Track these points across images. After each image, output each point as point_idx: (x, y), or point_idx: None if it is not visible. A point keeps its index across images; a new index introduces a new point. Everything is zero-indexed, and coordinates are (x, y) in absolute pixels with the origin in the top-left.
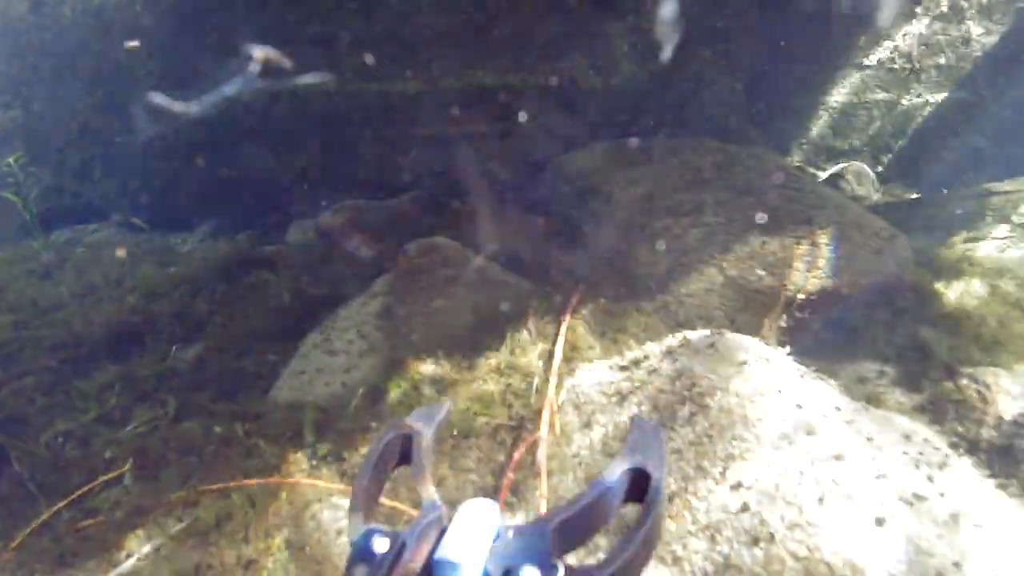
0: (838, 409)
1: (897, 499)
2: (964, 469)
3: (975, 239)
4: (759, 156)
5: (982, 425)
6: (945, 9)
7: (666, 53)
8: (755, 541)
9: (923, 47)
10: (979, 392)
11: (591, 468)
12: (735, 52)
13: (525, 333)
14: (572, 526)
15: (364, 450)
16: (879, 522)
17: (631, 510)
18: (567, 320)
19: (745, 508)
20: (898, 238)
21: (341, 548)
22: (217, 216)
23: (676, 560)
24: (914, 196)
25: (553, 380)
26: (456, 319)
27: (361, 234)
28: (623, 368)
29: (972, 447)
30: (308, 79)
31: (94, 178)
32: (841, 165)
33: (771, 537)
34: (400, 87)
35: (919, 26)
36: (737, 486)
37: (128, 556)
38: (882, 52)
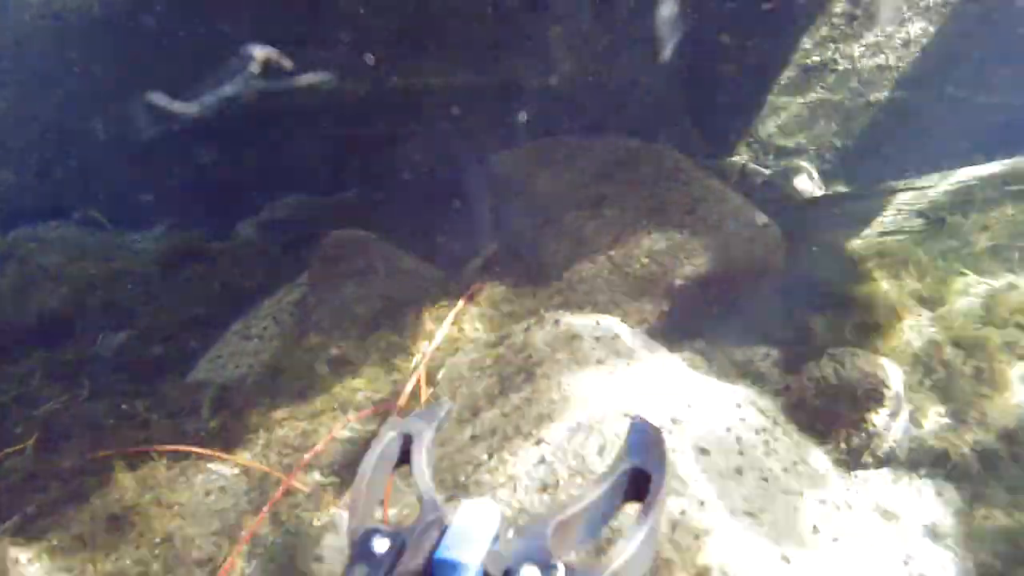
0: (668, 380)
1: (685, 446)
2: (784, 434)
3: (892, 232)
4: (658, 152)
5: (837, 401)
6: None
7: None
8: (544, 488)
9: (864, 48)
10: (835, 371)
11: (445, 434)
12: (671, 53)
13: (415, 317)
14: (572, 526)
15: (251, 420)
16: None
17: (631, 509)
18: (459, 305)
19: (542, 461)
20: (770, 227)
21: (208, 505)
22: (175, 214)
23: None
24: (844, 190)
25: (426, 358)
26: (364, 305)
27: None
28: (491, 345)
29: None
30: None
31: (55, 177)
32: (783, 163)
33: (556, 484)
34: (349, 87)
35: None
36: (539, 442)
37: (14, 515)
38: (825, 53)
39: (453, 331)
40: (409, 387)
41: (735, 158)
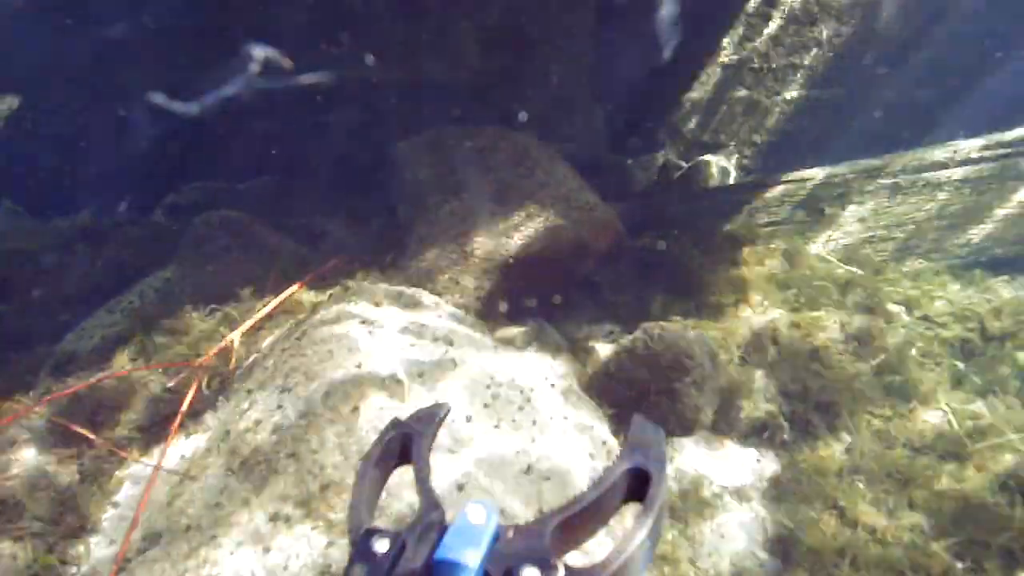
0: (445, 346)
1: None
2: (564, 394)
3: (775, 222)
4: (514, 140)
5: (646, 371)
6: (798, 11)
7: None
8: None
9: (779, 47)
10: (645, 343)
11: (254, 394)
12: (579, 50)
13: (260, 292)
14: (572, 526)
15: (75, 383)
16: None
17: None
18: (303, 281)
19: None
20: (597, 209)
21: (23, 458)
22: (105, 201)
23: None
24: (735, 182)
25: (244, 326)
26: (222, 281)
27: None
28: (309, 316)
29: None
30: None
31: None
32: (700, 158)
33: (288, 427)
34: (271, 83)
35: (773, 27)
36: (283, 391)
37: None
38: (742, 52)
39: (288, 304)
40: (215, 349)
41: (658, 153)
